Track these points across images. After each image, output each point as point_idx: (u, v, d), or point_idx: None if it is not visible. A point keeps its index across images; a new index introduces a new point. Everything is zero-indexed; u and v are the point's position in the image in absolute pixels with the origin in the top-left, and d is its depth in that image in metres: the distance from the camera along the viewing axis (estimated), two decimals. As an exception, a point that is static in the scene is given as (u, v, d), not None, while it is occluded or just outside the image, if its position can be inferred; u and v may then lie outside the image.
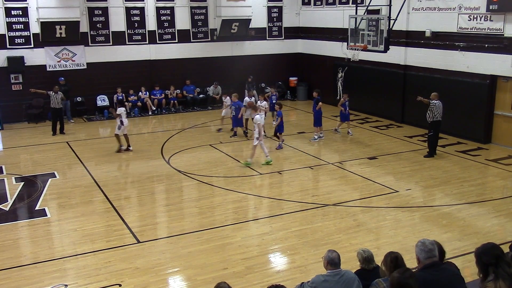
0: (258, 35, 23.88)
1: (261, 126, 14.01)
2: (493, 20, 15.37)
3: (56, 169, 14.07)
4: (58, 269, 8.52)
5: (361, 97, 19.97)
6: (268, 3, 24.04)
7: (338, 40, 21.45)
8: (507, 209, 10.95)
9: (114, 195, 12.04)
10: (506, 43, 15.09)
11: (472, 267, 5.08)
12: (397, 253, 4.98)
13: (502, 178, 13.13)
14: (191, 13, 22.49)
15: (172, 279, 8.32)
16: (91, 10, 20.67)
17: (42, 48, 20.11)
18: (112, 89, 21.11)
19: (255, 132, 13.86)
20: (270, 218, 10.60)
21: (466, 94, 16.38)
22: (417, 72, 18.34)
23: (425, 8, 17.70)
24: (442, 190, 12.14)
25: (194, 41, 22.71)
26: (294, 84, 24.87)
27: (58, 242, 9.72)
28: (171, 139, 17.38)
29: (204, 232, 9.92)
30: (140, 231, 10.00)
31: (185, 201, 11.80)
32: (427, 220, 10.38)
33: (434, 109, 14.33)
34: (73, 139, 17.60)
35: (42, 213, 11.00)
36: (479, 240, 8.97)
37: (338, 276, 5.68)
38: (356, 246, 9.15)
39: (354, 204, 11.34)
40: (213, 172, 13.79)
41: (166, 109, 22.06)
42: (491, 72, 15.69)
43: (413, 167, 13.98)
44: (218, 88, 22.62)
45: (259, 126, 13.85)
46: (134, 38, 21.58)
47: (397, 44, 18.13)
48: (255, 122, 14.04)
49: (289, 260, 8.84)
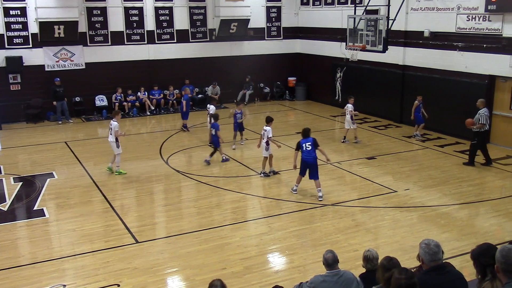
0: (257, 35, 23.89)
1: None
2: (491, 20, 15.38)
3: (55, 169, 14.07)
4: (57, 269, 8.52)
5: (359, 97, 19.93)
6: (267, 3, 24.05)
7: (336, 40, 21.45)
8: (505, 209, 10.96)
9: (112, 195, 12.04)
10: (504, 43, 15.10)
11: (470, 267, 5.08)
12: (393, 269, 4.86)
13: (500, 178, 13.14)
14: (190, 13, 22.50)
15: (171, 279, 8.33)
16: (90, 10, 20.67)
17: (41, 48, 20.10)
18: (111, 89, 21.11)
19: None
20: (269, 218, 10.61)
21: (465, 94, 16.38)
22: (415, 72, 18.35)
23: (424, 8, 17.71)
24: (441, 190, 12.15)
25: (193, 41, 22.72)
26: (292, 84, 24.89)
27: (56, 242, 9.71)
28: (170, 139, 17.38)
29: (203, 232, 9.92)
30: (138, 231, 10.00)
31: (183, 201, 11.80)
32: (426, 220, 10.39)
33: (482, 118, 13.49)
34: (72, 139, 17.59)
35: (41, 213, 10.99)
36: (477, 240, 8.98)
37: (337, 277, 5.68)
38: (354, 246, 9.17)
39: (353, 204, 11.35)
40: (211, 172, 13.80)
41: (165, 109, 22.05)
42: (490, 72, 15.71)
43: (411, 167, 14.00)
44: (216, 88, 22.62)
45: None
46: (132, 38, 21.58)
47: (396, 44, 18.14)
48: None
49: (287, 260, 8.84)
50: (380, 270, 5.12)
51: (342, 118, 20.42)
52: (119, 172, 13.50)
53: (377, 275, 5.19)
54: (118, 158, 13.55)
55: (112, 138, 13.39)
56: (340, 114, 21.17)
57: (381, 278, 4.99)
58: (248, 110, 22.43)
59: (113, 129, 13.31)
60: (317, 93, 24.14)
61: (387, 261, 5.08)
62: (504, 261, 3.99)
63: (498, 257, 4.05)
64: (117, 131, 13.37)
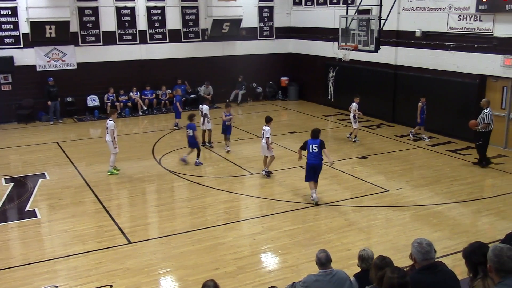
0: (249, 35, 23.89)
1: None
2: (482, 20, 15.48)
3: (47, 170, 13.99)
4: (49, 271, 8.48)
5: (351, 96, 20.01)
6: (259, 3, 24.05)
7: (329, 40, 21.49)
8: (496, 207, 11.03)
9: (105, 196, 11.99)
10: (495, 43, 15.20)
11: (462, 266, 5.11)
12: (386, 268, 4.87)
13: (491, 177, 13.23)
14: (182, 13, 22.46)
15: (164, 279, 8.31)
16: (81, 10, 20.58)
17: (32, 48, 19.99)
18: (103, 89, 21.03)
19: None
20: (262, 218, 10.61)
21: (456, 94, 16.49)
22: (407, 72, 18.43)
23: (415, 8, 17.79)
24: (433, 189, 12.21)
25: (185, 41, 22.68)
26: (285, 84, 24.90)
27: (48, 243, 9.66)
28: (162, 139, 17.34)
29: (196, 232, 9.90)
30: (131, 231, 9.97)
31: (176, 201, 11.78)
32: (418, 219, 10.44)
33: (486, 118, 13.45)
34: (64, 139, 17.51)
35: (33, 214, 10.93)
36: (469, 238, 9.02)
37: (329, 276, 5.69)
38: (347, 245, 9.20)
39: (345, 204, 11.38)
40: (204, 172, 13.78)
41: (157, 109, 22.00)
42: (481, 72, 15.81)
43: (403, 166, 14.05)
44: (209, 88, 22.59)
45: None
46: (124, 38, 21.52)
47: (388, 44, 18.21)
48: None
49: (280, 260, 8.85)
50: (373, 270, 5.14)
51: (335, 118, 20.57)
52: (111, 172, 13.45)
53: (370, 275, 5.20)
54: (113, 157, 13.52)
55: (109, 138, 13.36)
56: (332, 114, 21.26)
57: (374, 277, 5.01)
58: (240, 110, 22.51)
59: (109, 128, 13.29)
60: (309, 93, 24.18)
61: (380, 260, 5.11)
62: (497, 260, 4.01)
63: (491, 256, 4.06)
64: (113, 131, 13.31)
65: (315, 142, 11.26)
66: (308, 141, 11.33)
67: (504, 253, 4.02)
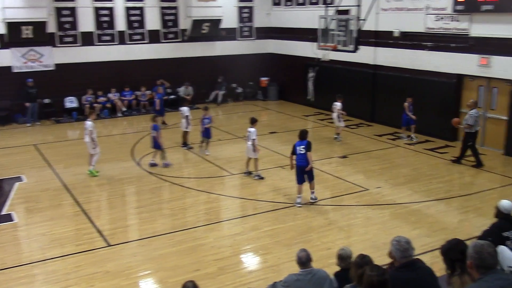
0: (229, 35, 23.85)
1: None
2: (459, 20, 15.70)
3: (24, 173, 13.76)
4: (26, 275, 8.34)
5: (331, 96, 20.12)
6: (239, 3, 24.03)
7: (308, 40, 21.54)
8: (473, 205, 11.20)
9: (83, 198, 11.85)
10: (472, 42, 15.43)
11: (440, 263, 5.17)
12: (365, 266, 4.90)
13: (469, 175, 13.43)
14: (161, 13, 22.32)
15: (144, 282, 8.24)
16: (59, 10, 20.30)
17: (8, 49, 19.66)
18: (81, 90, 20.78)
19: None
20: (242, 219, 10.60)
21: (434, 93, 16.69)
22: (386, 72, 18.59)
23: (394, 9, 17.97)
24: (411, 187, 12.34)
25: (164, 41, 22.55)
26: (265, 84, 24.92)
27: (26, 247, 9.51)
28: (142, 140, 17.19)
29: (176, 233, 9.85)
30: (110, 234, 9.87)
31: (156, 202, 11.68)
32: (397, 217, 10.54)
33: (470, 119, 13.55)
34: (41, 141, 17.26)
35: (9, 218, 10.74)
36: (447, 236, 9.12)
37: (310, 275, 5.72)
38: (327, 244, 9.24)
39: (326, 203, 11.43)
40: (184, 173, 13.72)
41: (137, 110, 21.83)
42: (458, 71, 16.03)
43: (382, 165, 14.17)
44: (189, 88, 22.50)
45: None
46: (103, 39, 21.30)
47: (367, 44, 18.33)
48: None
49: (261, 260, 8.85)
50: (353, 268, 5.17)
51: (315, 118, 20.66)
52: (91, 172, 13.32)
53: (350, 273, 5.24)
54: (95, 157, 13.45)
55: (87, 139, 13.27)
56: (312, 114, 21.34)
57: (354, 275, 5.05)
58: (221, 110, 22.47)
59: (88, 128, 13.22)
60: (289, 93, 24.24)
61: (360, 259, 5.15)
62: (477, 257, 4.06)
63: (472, 253, 4.11)
64: (91, 131, 13.21)
65: (302, 143, 11.12)
66: (296, 144, 11.20)
67: (484, 250, 4.07)
